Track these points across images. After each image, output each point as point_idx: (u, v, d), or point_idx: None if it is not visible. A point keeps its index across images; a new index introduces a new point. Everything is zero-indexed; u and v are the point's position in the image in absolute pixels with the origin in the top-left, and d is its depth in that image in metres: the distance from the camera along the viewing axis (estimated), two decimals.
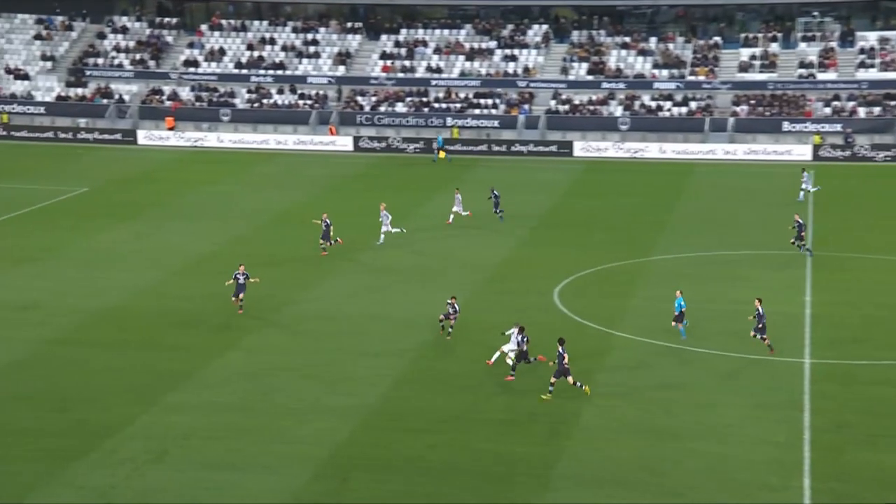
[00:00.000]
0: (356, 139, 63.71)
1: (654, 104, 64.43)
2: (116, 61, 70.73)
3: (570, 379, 26.31)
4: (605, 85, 66.20)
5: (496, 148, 62.43)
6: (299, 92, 68.40)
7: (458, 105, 66.19)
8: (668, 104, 64.45)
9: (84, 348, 29.61)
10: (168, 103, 67.52)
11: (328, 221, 39.26)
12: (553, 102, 65.77)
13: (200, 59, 71.20)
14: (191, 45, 72.18)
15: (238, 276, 32.71)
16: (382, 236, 40.20)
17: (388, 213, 40.57)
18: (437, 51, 70.20)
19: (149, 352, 29.54)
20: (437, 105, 66.61)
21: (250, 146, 63.88)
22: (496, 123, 64.78)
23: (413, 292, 35.55)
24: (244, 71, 70.10)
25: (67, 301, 33.73)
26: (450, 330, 30.76)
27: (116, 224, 43.87)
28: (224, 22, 74.01)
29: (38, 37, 72.42)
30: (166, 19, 74.65)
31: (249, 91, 68.79)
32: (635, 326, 31.85)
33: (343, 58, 70.49)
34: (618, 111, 64.61)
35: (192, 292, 35.15)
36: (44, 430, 24.43)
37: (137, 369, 28.20)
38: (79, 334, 30.72)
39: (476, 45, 70.12)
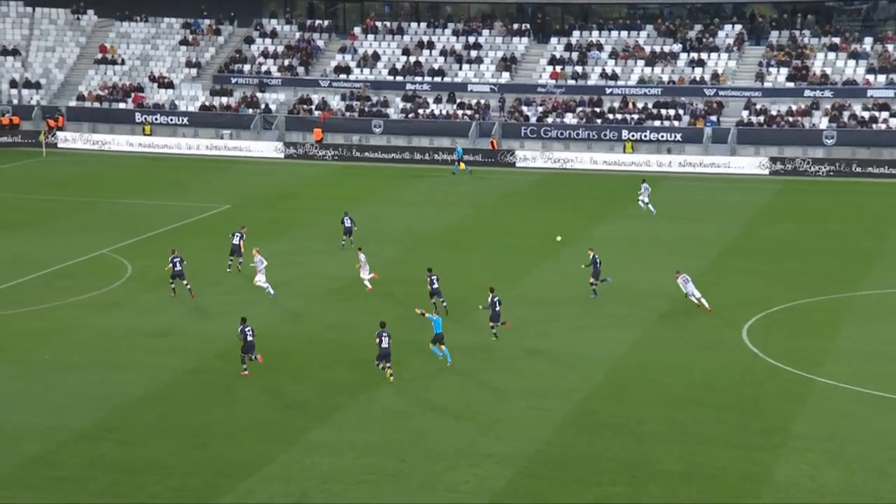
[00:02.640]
0: (517, 153, 63.81)
1: (866, 115, 62.03)
2: (264, 68, 73.26)
3: (388, 363, 30.26)
4: (808, 93, 64.21)
5: (678, 164, 61.44)
6: (458, 101, 69.15)
7: (636, 116, 65.50)
8: (883, 115, 61.93)
9: (222, 378, 30.54)
10: (317, 113, 69.45)
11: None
12: (746, 113, 64.21)
13: (352, 64, 72.99)
14: (343, 50, 74.10)
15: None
16: (267, 286, 37.44)
17: (262, 259, 37.67)
18: (613, 55, 69.72)
19: (290, 384, 30.22)
20: (611, 116, 66.09)
21: (403, 157, 64.88)
22: (678, 137, 63.72)
23: (577, 326, 35.22)
24: (399, 78, 71.42)
25: (205, 326, 34.93)
26: None
27: (257, 244, 45.21)
28: (379, 24, 75.65)
29: (183, 42, 75.84)
30: (317, 22, 76.91)
31: (404, 100, 70.01)
32: (839, 371, 30.59)
33: (507, 63, 70.89)
34: (822, 123, 62.51)
35: (337, 320, 35.86)
36: (179, 468, 25.27)
37: (277, 404, 28.88)
38: (217, 363, 31.74)
39: (658, 49, 69.29)
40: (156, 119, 69.82)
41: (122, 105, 71.33)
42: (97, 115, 70.66)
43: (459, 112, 68.41)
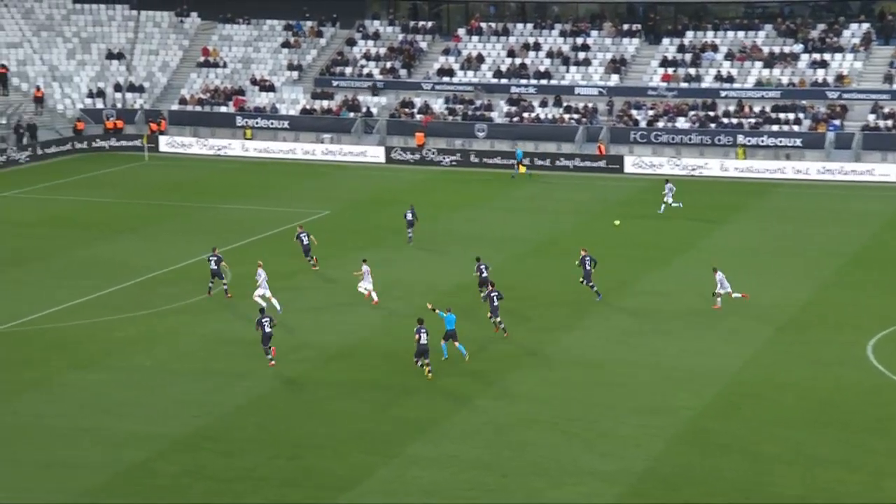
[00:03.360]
0: (626, 159, 63.30)
1: None
2: (366, 70, 74.05)
3: (426, 360, 31.19)
4: None
5: (796, 171, 60.30)
6: (565, 104, 68.91)
7: (752, 120, 64.41)
8: None
9: (319, 389, 30.90)
10: (419, 117, 69.90)
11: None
12: (872, 117, 62.62)
13: (456, 67, 73.29)
14: (446, 52, 74.46)
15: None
16: (274, 301, 37.01)
17: (265, 274, 37.23)
18: (729, 56, 68.70)
19: (388, 395, 30.43)
20: (725, 120, 65.11)
21: (508, 164, 64.86)
22: (798, 142, 62.47)
23: (689, 339, 34.78)
24: (504, 80, 71.48)
25: (301, 336, 35.39)
26: None
27: (355, 252, 45.71)
28: (484, 25, 75.83)
29: (285, 44, 77.09)
30: (420, 23, 77.42)
31: (509, 103, 70.04)
32: None
33: (617, 65, 70.42)
34: None
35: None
36: (277, 479, 25.62)
37: (376, 415, 29.10)
38: (314, 374, 32.12)
39: (777, 49, 68.05)
40: (256, 123, 71.05)
41: (223, 108, 72.77)
42: (198, 119, 72.20)
43: (566, 116, 68.14)
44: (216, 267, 38.56)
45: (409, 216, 46.91)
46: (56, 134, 69.43)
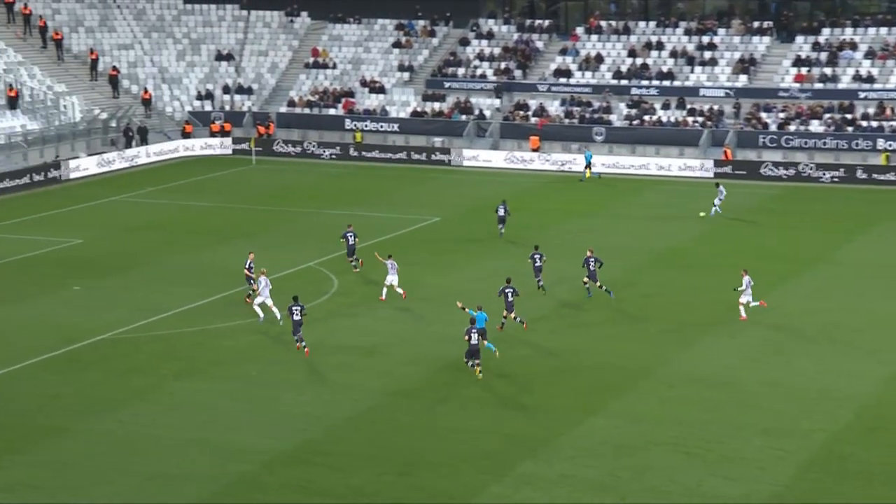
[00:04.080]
0: (756, 164, 62.29)
1: None
2: (479, 71, 74.26)
3: (477, 361, 32.30)
4: None
5: None
6: (689, 107, 68.11)
7: (894, 123, 62.75)
8: None
9: (429, 403, 31.04)
10: (533, 120, 69.81)
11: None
12: None
13: (573, 67, 73.02)
14: (563, 52, 74.25)
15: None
16: (274, 310, 36.78)
17: (269, 281, 37.11)
18: (870, 55, 67.11)
19: (500, 411, 30.42)
20: (864, 123, 63.58)
21: (626, 171, 64.43)
22: None
23: (823, 357, 34.02)
24: (624, 81, 70.99)
25: (413, 347, 35.60)
26: None
27: (467, 261, 45.82)
28: (604, 24, 75.44)
29: (396, 44, 77.77)
30: (537, 22, 77.37)
31: (629, 105, 69.51)
32: None
33: (745, 65, 69.34)
34: None
35: (556, 344, 35.88)
36: (386, 496, 25.76)
37: (487, 431, 29.09)
38: (424, 387, 32.25)
39: None
40: (366, 125, 71.77)
41: (332, 111, 73.72)
42: (307, 122, 73.26)
43: (689, 119, 67.36)
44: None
45: (501, 212, 48.50)
46: (164, 137, 71.17)
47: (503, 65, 74.01)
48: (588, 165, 62.40)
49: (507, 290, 36.32)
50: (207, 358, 34.39)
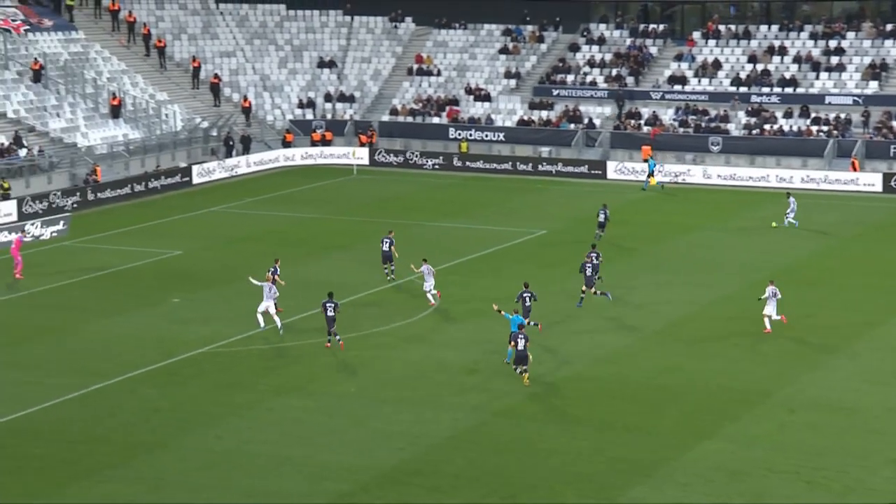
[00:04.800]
0: (886, 176, 61.07)
1: None
2: (589, 78, 74.12)
3: (525, 367, 33.13)
4: None
5: None
6: (813, 115, 67.10)
7: None
8: None
9: (531, 424, 31.08)
10: (646, 129, 69.41)
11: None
12: None
13: (689, 74, 72.46)
14: (678, 58, 73.73)
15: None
16: (278, 320, 37.71)
17: (267, 286, 37.54)
18: None
19: (604, 433, 30.36)
20: None
21: (745, 183, 63.70)
22: None
23: None
24: (743, 89, 70.22)
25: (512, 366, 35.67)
26: None
27: (575, 275, 45.74)
28: (722, 28, 74.73)
29: (503, 51, 78.02)
30: (651, 26, 76.94)
31: (748, 114, 68.71)
32: None
33: (876, 71, 68.09)
34: None
35: (666, 363, 35.68)
36: None
37: (592, 454, 29.06)
38: (528, 407, 32.31)
39: None
40: (470, 135, 72.09)
41: (435, 119, 74.24)
42: (410, 131, 73.88)
43: (814, 128, 66.38)
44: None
45: (602, 217, 49.75)
46: (265, 146, 72.45)
47: (615, 71, 73.75)
48: (651, 174, 62.11)
49: (524, 295, 36.97)
50: (305, 373, 34.94)
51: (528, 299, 37.01)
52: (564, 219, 56.03)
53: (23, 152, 60.81)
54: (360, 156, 70.07)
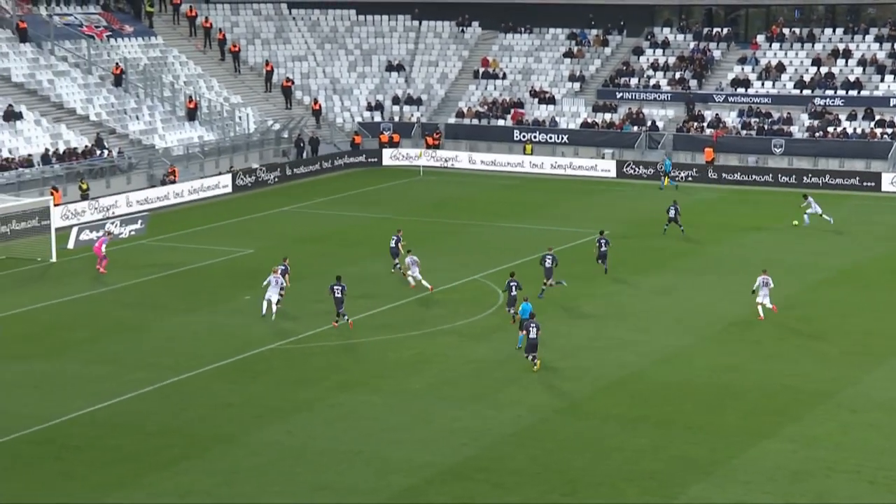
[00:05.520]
0: None
1: None
2: (652, 81, 73.71)
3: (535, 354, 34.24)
4: None
5: None
6: (877, 118, 66.17)
7: None
8: None
9: (593, 421, 31.03)
10: (709, 131, 68.89)
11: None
12: None
13: (752, 77, 71.81)
14: (742, 61, 73.08)
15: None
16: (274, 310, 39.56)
17: (273, 278, 39.62)
18: None
19: (665, 431, 30.22)
20: None
21: (807, 184, 62.96)
22: None
23: None
24: (807, 91, 69.44)
25: (576, 363, 35.66)
26: None
27: (634, 277, 45.58)
28: (787, 31, 73.96)
29: (567, 54, 77.84)
30: (715, 30, 76.34)
31: (811, 116, 67.95)
32: None
33: None
34: None
35: (725, 362, 35.45)
36: None
37: (654, 452, 28.94)
38: (588, 404, 32.28)
39: None
40: (534, 136, 72.04)
41: (500, 122, 74.25)
42: (475, 133, 73.97)
43: (878, 131, 65.47)
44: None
45: (672, 213, 50.88)
46: (334, 147, 72.94)
47: (678, 74, 73.29)
48: (667, 173, 62.32)
49: (511, 284, 38.42)
50: (371, 370, 35.16)
51: (513, 288, 38.32)
52: (625, 220, 55.70)
53: (104, 154, 61.76)
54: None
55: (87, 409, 31.54)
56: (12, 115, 61.04)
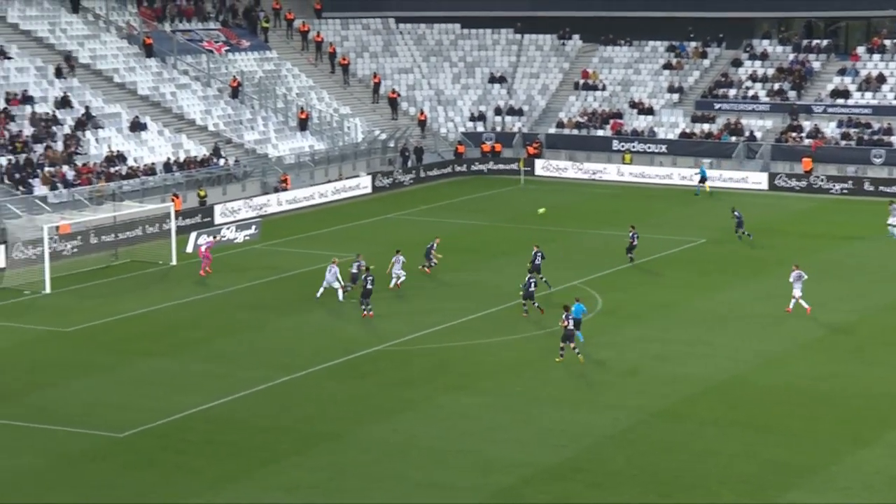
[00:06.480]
0: None
1: None
2: (751, 92, 72.68)
3: (571, 344, 34.88)
4: None
5: None
6: None
7: None
8: None
9: (689, 425, 30.73)
10: (807, 142, 67.69)
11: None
12: None
13: (852, 88, 70.38)
14: (842, 72, 71.68)
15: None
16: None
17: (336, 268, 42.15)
18: None
19: (762, 435, 29.79)
20: None
21: None
22: None
23: None
24: None
25: (673, 367, 35.34)
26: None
27: (737, 281, 45.01)
28: (888, 42, 72.35)
29: (667, 66, 77.17)
30: (814, 41, 75.00)
31: None
32: None
33: None
34: None
35: (825, 369, 34.84)
36: None
37: (749, 457, 28.54)
38: (684, 408, 31.96)
39: None
40: (633, 146, 71.54)
41: (599, 132, 73.87)
42: (575, 143, 73.67)
43: None
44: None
45: (738, 214, 51.46)
46: (438, 157, 73.30)
47: (776, 86, 72.16)
48: (703, 180, 61.98)
49: (530, 280, 40.16)
50: (474, 372, 35.27)
51: (532, 284, 40.15)
52: (723, 229, 54.91)
53: (220, 162, 62.98)
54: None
55: (203, 406, 32.19)
56: (138, 126, 62.62)
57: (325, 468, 28.10)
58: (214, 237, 49.93)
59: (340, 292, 42.49)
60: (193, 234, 50.40)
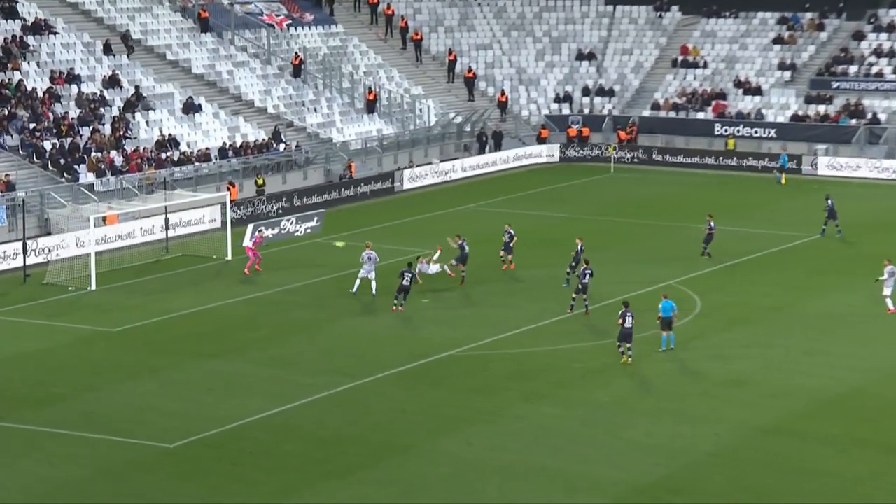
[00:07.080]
0: None
1: None
2: (874, 69, 71.56)
3: (628, 345, 35.51)
4: None
5: None
6: None
7: None
8: None
9: (804, 442, 30.32)
10: None
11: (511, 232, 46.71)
12: None
13: None
14: None
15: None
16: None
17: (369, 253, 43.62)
18: None
19: (888, 456, 29.29)
20: None
21: None
22: None
23: None
24: None
25: (782, 378, 34.92)
26: None
27: (856, 282, 44.38)
28: None
29: (777, 40, 76.26)
30: None
31: None
32: None
33: None
34: None
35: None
36: None
37: (871, 478, 28.07)
38: (799, 424, 31.51)
39: None
40: (738, 131, 70.82)
41: (700, 114, 73.25)
42: (672, 126, 73.16)
43: None
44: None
45: (830, 202, 51.01)
46: (518, 142, 73.20)
47: None
48: (782, 169, 63.57)
49: (586, 272, 40.43)
50: (556, 380, 35.17)
51: (587, 276, 40.43)
52: (844, 224, 54.14)
53: (281, 148, 63.50)
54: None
55: (264, 414, 32.49)
56: (192, 108, 63.35)
57: (393, 483, 28.21)
58: (262, 232, 50.20)
59: (374, 285, 43.57)
60: (250, 227, 50.88)
